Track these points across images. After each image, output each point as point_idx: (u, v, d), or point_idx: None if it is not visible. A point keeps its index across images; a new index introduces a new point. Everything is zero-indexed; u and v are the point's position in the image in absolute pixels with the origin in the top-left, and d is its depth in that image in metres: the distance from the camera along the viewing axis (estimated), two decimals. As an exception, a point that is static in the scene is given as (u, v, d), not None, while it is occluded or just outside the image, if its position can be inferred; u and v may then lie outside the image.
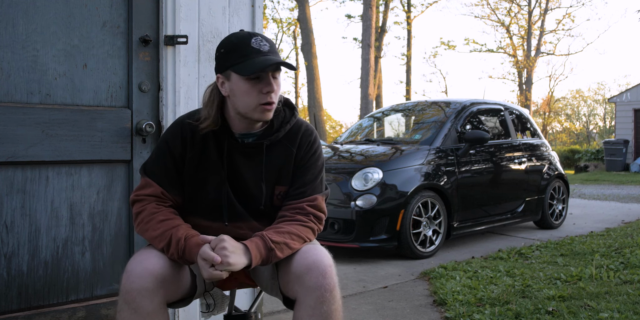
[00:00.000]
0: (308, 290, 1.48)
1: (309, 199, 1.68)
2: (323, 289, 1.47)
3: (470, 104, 5.60)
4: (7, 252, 1.96)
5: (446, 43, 26.74)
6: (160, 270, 1.48)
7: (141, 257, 1.51)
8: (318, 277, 1.48)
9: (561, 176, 6.28)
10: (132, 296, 1.44)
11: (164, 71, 2.25)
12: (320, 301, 1.47)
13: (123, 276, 1.48)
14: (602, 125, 34.47)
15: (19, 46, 1.95)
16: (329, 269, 1.51)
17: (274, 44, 1.61)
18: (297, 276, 1.51)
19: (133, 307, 1.44)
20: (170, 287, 1.52)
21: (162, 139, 1.69)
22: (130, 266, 1.49)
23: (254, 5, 2.47)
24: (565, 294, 3.02)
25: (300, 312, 1.50)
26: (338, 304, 1.51)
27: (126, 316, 1.45)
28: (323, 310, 1.48)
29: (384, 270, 4.08)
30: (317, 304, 1.47)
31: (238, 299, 2.22)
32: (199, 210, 1.68)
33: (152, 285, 1.46)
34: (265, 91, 1.56)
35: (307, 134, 1.72)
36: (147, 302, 1.45)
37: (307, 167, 1.70)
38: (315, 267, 1.49)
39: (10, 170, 1.95)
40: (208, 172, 1.66)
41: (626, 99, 16.42)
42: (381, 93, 20.95)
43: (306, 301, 1.49)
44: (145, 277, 1.45)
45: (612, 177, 13.51)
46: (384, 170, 4.57)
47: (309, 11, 15.96)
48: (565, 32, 36.19)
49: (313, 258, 1.52)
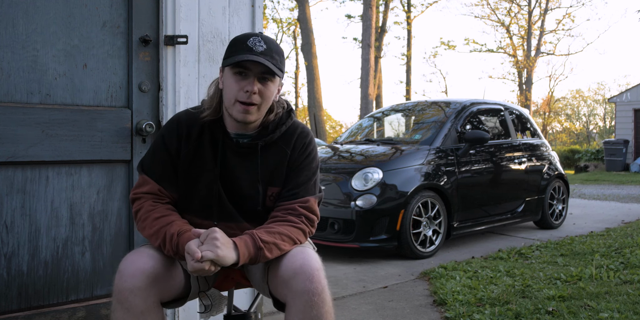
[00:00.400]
0: (296, 295, 1.47)
1: (302, 200, 1.67)
2: (311, 293, 1.46)
3: (470, 104, 5.60)
4: (7, 252, 1.96)
5: (446, 43, 26.77)
6: (152, 269, 1.49)
7: (133, 257, 1.51)
8: (305, 282, 1.46)
9: (561, 176, 6.28)
10: (124, 295, 1.45)
11: (164, 71, 2.25)
12: (309, 305, 1.46)
13: (116, 276, 1.48)
14: (602, 125, 34.49)
15: (19, 46, 1.95)
16: (317, 272, 1.49)
17: (274, 48, 1.61)
18: (284, 280, 1.50)
19: (126, 307, 1.45)
20: (163, 286, 1.52)
21: (159, 135, 1.71)
22: (122, 266, 1.49)
23: (254, 5, 2.47)
24: (565, 294, 3.02)
25: (290, 315, 1.50)
26: (328, 306, 1.50)
27: (119, 315, 1.45)
28: (313, 314, 1.47)
29: (384, 270, 4.08)
30: (306, 308, 1.46)
31: (238, 299, 2.22)
32: (191, 207, 1.69)
33: (144, 284, 1.46)
34: (245, 89, 1.58)
35: (303, 136, 1.72)
36: (139, 301, 1.45)
37: (301, 168, 1.70)
38: (302, 272, 1.48)
39: (10, 170, 1.95)
40: (201, 169, 1.66)
41: (626, 99, 16.42)
42: (381, 93, 20.96)
43: (295, 305, 1.48)
44: (137, 276, 1.46)
45: (612, 177, 13.51)
46: (384, 170, 4.57)
47: (309, 11, 15.97)
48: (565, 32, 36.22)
49: (300, 262, 1.50)
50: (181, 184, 1.68)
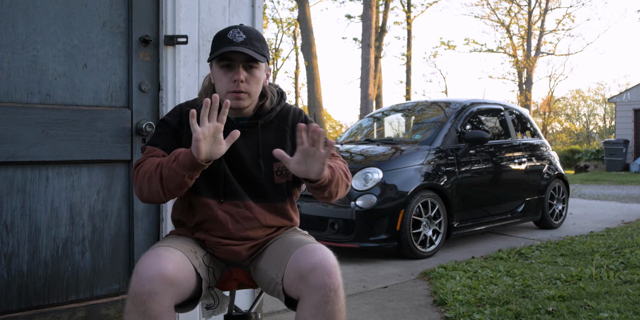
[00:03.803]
0: (312, 289, 1.48)
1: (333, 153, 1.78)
2: (327, 289, 1.47)
3: (470, 104, 5.60)
4: (7, 252, 1.96)
5: (446, 43, 26.75)
6: (171, 274, 1.48)
7: (151, 260, 1.50)
8: (323, 277, 1.48)
9: (561, 176, 6.28)
10: (141, 299, 1.44)
11: (164, 71, 2.25)
12: (324, 301, 1.47)
13: (133, 278, 1.47)
14: (602, 125, 34.47)
15: (19, 46, 1.95)
16: (334, 269, 1.51)
17: (254, 37, 1.69)
18: (302, 275, 1.51)
19: (142, 310, 1.44)
20: (178, 290, 1.51)
21: (161, 120, 1.78)
22: (140, 269, 1.48)
23: (254, 5, 2.47)
24: (565, 294, 3.02)
25: (303, 311, 1.50)
26: (342, 304, 1.51)
27: (134, 318, 1.45)
28: (327, 310, 1.47)
29: (384, 270, 4.08)
30: (321, 303, 1.47)
31: (238, 299, 2.22)
32: (196, 186, 1.70)
33: (162, 288, 1.45)
34: (233, 79, 1.66)
35: (297, 114, 1.83)
36: (155, 306, 1.44)
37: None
38: (321, 267, 1.50)
39: (10, 170, 1.95)
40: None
41: (626, 99, 16.42)
42: (381, 93, 20.95)
43: (310, 300, 1.49)
44: (155, 281, 1.45)
45: (612, 177, 13.51)
46: (384, 170, 4.57)
47: (309, 11, 15.96)
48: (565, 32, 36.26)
49: (319, 257, 1.52)
50: None
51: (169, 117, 1.77)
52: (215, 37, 1.71)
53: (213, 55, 1.66)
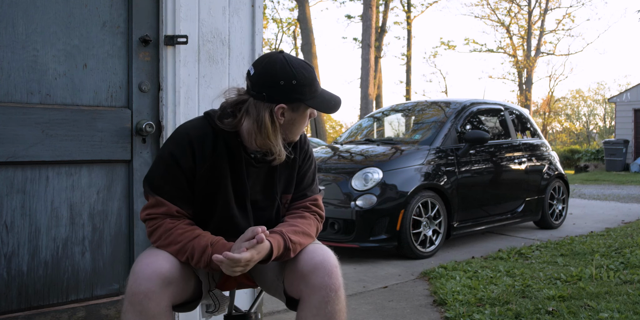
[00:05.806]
0: (313, 290, 1.48)
1: (311, 199, 1.75)
2: (328, 289, 1.48)
3: (470, 104, 5.60)
4: (7, 252, 1.95)
5: (446, 43, 26.79)
6: (168, 273, 1.47)
7: (149, 259, 1.49)
8: (324, 277, 1.48)
9: (561, 176, 6.28)
10: (138, 298, 1.43)
11: (164, 71, 2.25)
12: (325, 301, 1.47)
13: (130, 278, 1.47)
14: (602, 125, 34.47)
15: (19, 46, 1.95)
16: (335, 269, 1.51)
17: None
18: (303, 275, 1.51)
19: (138, 310, 1.43)
20: (176, 290, 1.51)
21: (167, 151, 1.59)
22: (137, 267, 1.47)
23: (254, 5, 2.47)
24: (565, 294, 3.02)
25: (304, 311, 1.50)
26: (342, 304, 1.51)
27: (131, 318, 1.44)
28: (327, 310, 1.47)
29: (384, 270, 4.08)
30: (321, 303, 1.47)
31: (238, 299, 2.22)
32: (205, 223, 1.65)
33: (159, 287, 1.45)
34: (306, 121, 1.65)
35: (302, 141, 1.76)
36: (153, 305, 1.44)
37: (306, 170, 1.76)
38: (322, 267, 1.50)
39: (10, 170, 1.95)
40: (218, 188, 1.62)
41: (626, 99, 16.42)
42: (381, 93, 20.97)
43: (311, 300, 1.49)
44: (152, 280, 1.44)
45: (612, 177, 13.51)
46: (384, 170, 4.57)
47: (309, 11, 15.97)
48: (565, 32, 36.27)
49: (320, 258, 1.52)
50: (197, 202, 1.63)
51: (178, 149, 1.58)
52: (309, 81, 1.55)
53: (325, 105, 1.58)
